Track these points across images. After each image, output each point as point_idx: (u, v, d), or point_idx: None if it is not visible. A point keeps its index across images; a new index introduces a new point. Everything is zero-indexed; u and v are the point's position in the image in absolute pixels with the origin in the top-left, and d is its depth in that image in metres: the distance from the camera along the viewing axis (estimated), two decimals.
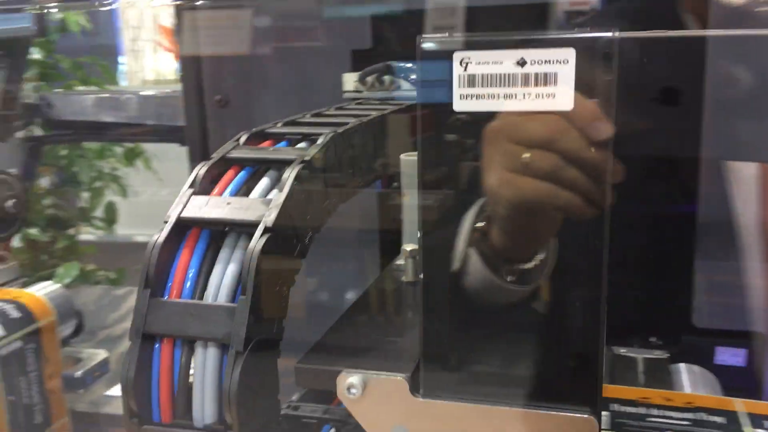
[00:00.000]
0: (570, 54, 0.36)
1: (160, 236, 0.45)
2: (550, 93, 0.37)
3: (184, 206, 0.47)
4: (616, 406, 0.67)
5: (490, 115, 0.39)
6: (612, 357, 0.87)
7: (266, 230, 0.44)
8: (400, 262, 0.66)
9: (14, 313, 0.71)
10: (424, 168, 0.42)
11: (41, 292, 0.79)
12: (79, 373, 0.82)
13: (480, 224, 0.49)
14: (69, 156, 1.37)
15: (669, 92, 0.81)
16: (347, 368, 0.42)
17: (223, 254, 0.46)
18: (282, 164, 0.50)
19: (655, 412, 0.67)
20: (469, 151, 0.42)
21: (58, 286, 0.83)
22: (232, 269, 0.45)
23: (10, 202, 0.91)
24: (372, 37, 0.94)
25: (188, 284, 0.45)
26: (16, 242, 1.32)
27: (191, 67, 0.94)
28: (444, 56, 0.37)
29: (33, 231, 1.36)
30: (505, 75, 0.37)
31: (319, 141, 0.52)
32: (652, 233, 0.90)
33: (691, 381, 0.81)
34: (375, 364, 0.43)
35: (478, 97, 0.38)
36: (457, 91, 0.38)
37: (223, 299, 0.44)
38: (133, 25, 2.56)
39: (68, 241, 1.39)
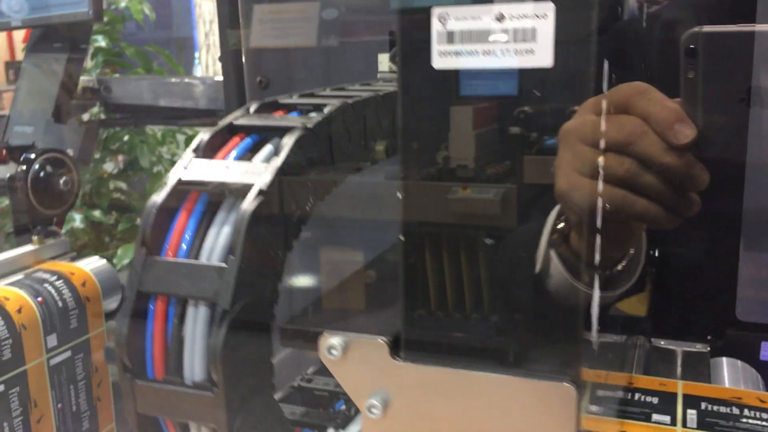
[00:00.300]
0: (549, 8, 0.35)
1: (159, 197, 0.46)
2: (529, 49, 0.36)
3: (185, 169, 0.47)
4: (705, 405, 0.65)
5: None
6: (650, 348, 0.85)
7: (260, 193, 0.45)
8: None
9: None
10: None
11: (88, 266, 0.82)
12: None
13: (560, 226, 0.47)
14: (131, 142, 1.42)
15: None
16: (331, 330, 0.42)
17: (219, 217, 0.46)
18: (285, 132, 0.50)
19: (747, 413, 0.65)
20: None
21: (103, 261, 0.85)
22: (225, 231, 0.45)
23: (63, 180, 0.94)
24: None
25: (184, 246, 0.46)
26: (78, 223, 1.37)
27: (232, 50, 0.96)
28: (423, 14, 0.37)
29: (96, 213, 1.41)
30: (483, 31, 0.36)
31: (326, 110, 0.52)
32: (697, 226, 0.87)
33: (731, 376, 0.77)
34: (363, 328, 0.43)
35: (457, 54, 0.37)
36: (435, 48, 0.37)
37: (215, 260, 0.45)
38: (207, 20, 2.62)
39: (129, 223, 1.44)
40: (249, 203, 0.44)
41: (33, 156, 0.93)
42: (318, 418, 0.65)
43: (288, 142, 0.48)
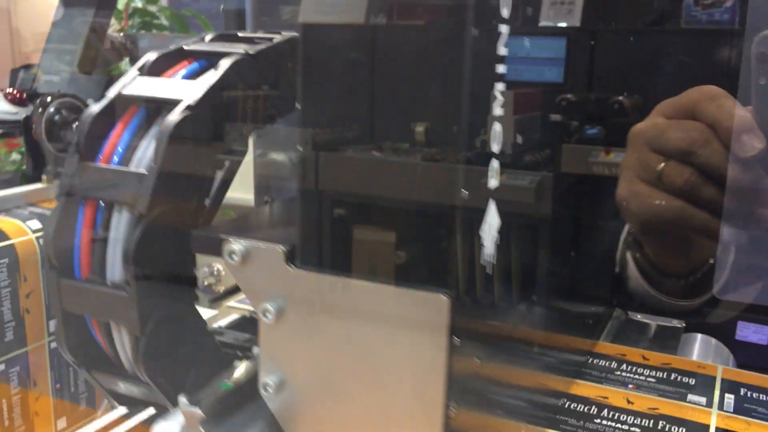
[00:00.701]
0: None
1: (96, 108, 0.48)
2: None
3: (126, 85, 0.50)
4: (744, 391, 0.67)
5: None
6: (625, 321, 0.84)
7: (187, 107, 0.47)
8: None
9: None
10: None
11: None
12: None
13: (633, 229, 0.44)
14: None
15: None
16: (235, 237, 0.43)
17: (152, 130, 0.48)
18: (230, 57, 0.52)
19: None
20: None
21: None
22: (154, 143, 0.47)
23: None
24: None
25: (116, 157, 0.48)
26: None
27: None
28: None
29: None
30: None
31: (275, 39, 0.54)
32: None
33: (702, 352, 0.77)
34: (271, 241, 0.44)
35: None
36: None
37: (141, 169, 0.47)
38: None
39: None
40: (174, 115, 0.46)
41: (49, 99, 0.97)
42: None
43: (224, 64, 0.49)
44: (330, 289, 0.40)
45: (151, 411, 0.52)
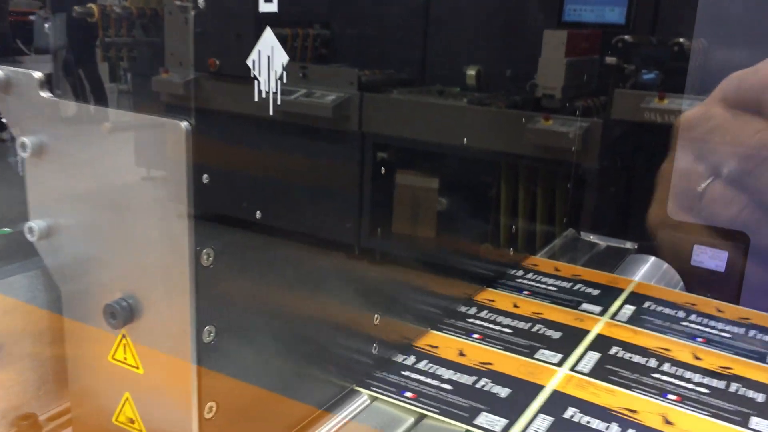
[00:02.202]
0: None
1: None
2: None
3: None
4: (649, 305, 0.69)
5: None
6: (573, 239, 0.87)
7: None
8: None
9: None
10: None
11: None
12: None
13: None
14: None
15: None
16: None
17: None
18: None
19: (693, 318, 0.67)
20: None
21: None
22: None
23: None
24: None
25: None
26: None
27: None
28: None
29: None
30: None
31: None
32: None
33: (649, 273, 0.78)
34: None
35: None
36: None
37: None
38: None
39: None
40: None
41: None
42: None
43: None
44: (83, 119, 0.39)
45: None
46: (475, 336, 0.59)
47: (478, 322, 0.62)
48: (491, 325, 0.61)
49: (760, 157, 0.32)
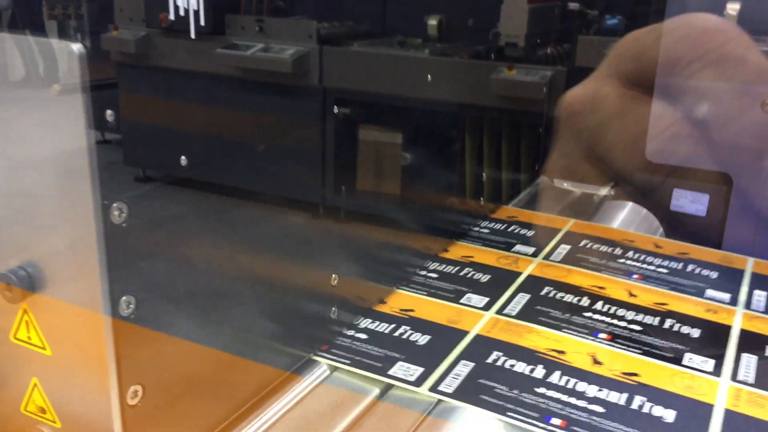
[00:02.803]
0: None
1: None
2: None
3: None
4: (585, 242, 0.68)
5: None
6: (550, 188, 0.87)
7: None
8: None
9: None
10: None
11: None
12: None
13: None
14: None
15: None
16: None
17: None
18: None
19: (630, 254, 0.66)
20: None
21: None
22: None
23: None
24: None
25: None
26: None
27: None
28: None
29: None
30: None
31: None
32: None
33: (627, 220, 0.77)
34: None
35: None
36: None
37: None
38: None
39: None
40: None
41: None
42: None
43: None
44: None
45: None
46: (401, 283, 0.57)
47: (423, 273, 0.60)
48: (419, 271, 0.60)
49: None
